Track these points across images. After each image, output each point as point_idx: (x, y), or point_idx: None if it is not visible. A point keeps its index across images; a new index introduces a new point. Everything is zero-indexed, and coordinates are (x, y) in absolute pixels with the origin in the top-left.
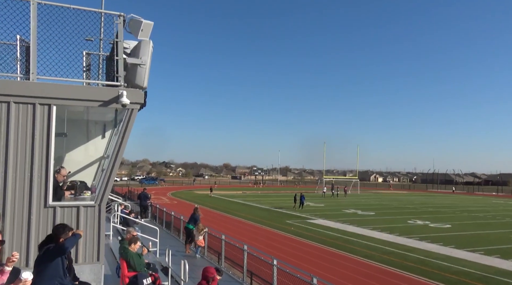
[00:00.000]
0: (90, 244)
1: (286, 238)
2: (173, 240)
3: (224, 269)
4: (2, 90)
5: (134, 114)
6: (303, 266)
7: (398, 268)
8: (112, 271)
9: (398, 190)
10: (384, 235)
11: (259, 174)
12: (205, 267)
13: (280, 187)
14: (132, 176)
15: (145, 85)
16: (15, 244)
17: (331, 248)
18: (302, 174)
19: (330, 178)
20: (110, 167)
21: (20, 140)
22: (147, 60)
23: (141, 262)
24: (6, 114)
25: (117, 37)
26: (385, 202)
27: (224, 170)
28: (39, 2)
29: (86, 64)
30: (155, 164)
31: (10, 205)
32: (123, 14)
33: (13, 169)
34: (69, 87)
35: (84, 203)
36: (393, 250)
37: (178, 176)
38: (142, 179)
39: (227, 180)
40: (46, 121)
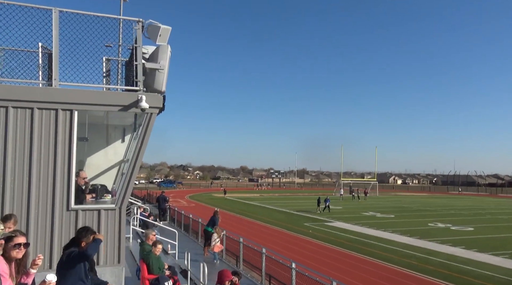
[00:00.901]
0: (111, 247)
1: (304, 241)
2: (192, 242)
3: (243, 272)
4: (26, 97)
5: (153, 118)
6: (322, 269)
7: (419, 271)
8: (132, 273)
9: (418, 192)
10: (404, 238)
11: (276, 176)
12: (220, 270)
13: (297, 189)
14: (151, 179)
15: (163, 89)
16: (39, 247)
17: (350, 251)
18: (320, 176)
19: (348, 180)
20: (130, 171)
21: (43, 145)
22: (165, 65)
23: (161, 265)
24: (30, 120)
25: (136, 43)
26: (404, 204)
27: (241, 173)
28: (60, 10)
29: (106, 69)
30: (173, 167)
31: (34, 208)
32: (141, 20)
33: (37, 173)
34: (89, 93)
35: (105, 206)
36: (413, 253)
37: (196, 178)
38: (160, 182)
39: (244, 183)
40: (68, 126)
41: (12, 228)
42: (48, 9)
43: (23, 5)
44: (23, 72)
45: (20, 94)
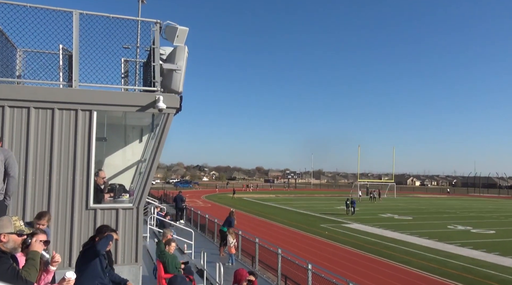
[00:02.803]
0: (129, 246)
1: (320, 242)
2: (208, 242)
3: (258, 272)
4: (47, 98)
5: (170, 118)
6: (338, 271)
7: (439, 275)
8: (150, 272)
9: (437, 194)
10: (422, 240)
11: (292, 177)
12: (236, 270)
13: (312, 190)
14: (167, 179)
15: (180, 90)
16: (58, 245)
17: (367, 253)
18: (336, 177)
19: (364, 181)
20: (148, 170)
21: (64, 145)
22: (183, 66)
23: (177, 263)
24: (51, 120)
25: (153, 44)
26: (423, 206)
27: (257, 173)
28: (81, 12)
29: (124, 70)
30: (189, 168)
31: (54, 207)
32: (159, 21)
33: (57, 172)
34: (108, 93)
35: (123, 205)
36: (433, 256)
37: (212, 179)
38: (177, 182)
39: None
40: (88, 127)
41: (45, 225)
42: (68, 11)
43: (44, 7)
44: (44, 74)
45: (42, 95)
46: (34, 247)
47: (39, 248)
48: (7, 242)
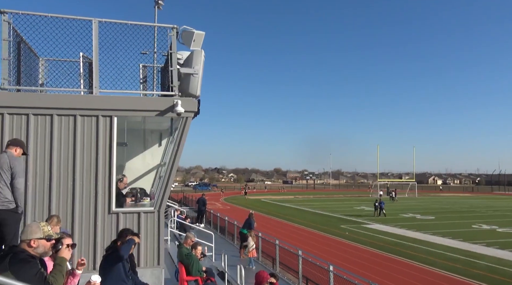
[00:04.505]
0: (151, 249)
1: (341, 243)
2: (228, 245)
3: (279, 274)
4: (69, 105)
5: (189, 122)
6: (360, 272)
7: (464, 276)
8: (171, 275)
9: (460, 193)
10: (446, 240)
11: (310, 178)
12: (258, 272)
13: (331, 191)
14: (186, 182)
15: (198, 93)
16: (83, 248)
17: (389, 253)
18: (355, 177)
19: (385, 181)
20: (167, 174)
21: (86, 151)
22: (200, 69)
23: (200, 267)
24: (73, 126)
25: (171, 49)
26: (445, 205)
27: (275, 175)
28: (100, 20)
29: (142, 76)
30: (208, 170)
31: (78, 211)
32: (176, 26)
33: (80, 177)
34: (128, 99)
35: (144, 209)
36: (457, 257)
37: (230, 181)
38: (196, 185)
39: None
40: (108, 132)
41: (53, 228)
42: (88, 20)
43: (65, 17)
44: (65, 81)
45: (64, 103)
46: (63, 253)
47: (67, 255)
48: (37, 247)
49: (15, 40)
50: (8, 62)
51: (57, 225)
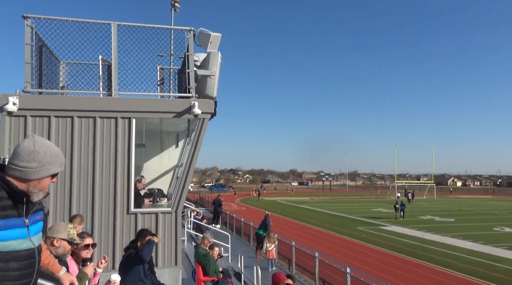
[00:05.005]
0: (168, 249)
1: (358, 245)
2: (244, 246)
3: (295, 275)
4: (89, 107)
5: (206, 123)
6: (377, 274)
7: (485, 279)
8: (188, 275)
9: (480, 195)
10: (466, 243)
11: (326, 179)
12: (274, 273)
13: (348, 192)
14: (202, 183)
15: (214, 95)
16: (102, 248)
17: (407, 256)
18: (372, 178)
19: (402, 183)
20: (185, 175)
21: (105, 152)
22: (216, 71)
23: (216, 268)
24: (93, 128)
25: (188, 51)
26: (465, 207)
27: (290, 176)
28: (118, 24)
29: (159, 78)
30: (223, 171)
31: (98, 212)
32: (193, 28)
33: (99, 178)
34: (146, 101)
35: (162, 210)
36: (478, 260)
37: (246, 182)
38: (212, 186)
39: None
40: (127, 134)
41: (77, 227)
42: (107, 23)
43: (85, 21)
44: (85, 84)
45: (84, 105)
46: (88, 269)
47: (91, 272)
48: (59, 247)
49: (37, 44)
50: (30, 66)
51: (80, 225)
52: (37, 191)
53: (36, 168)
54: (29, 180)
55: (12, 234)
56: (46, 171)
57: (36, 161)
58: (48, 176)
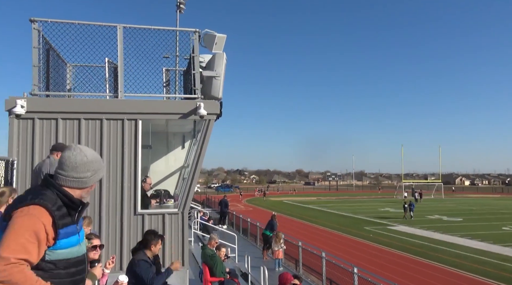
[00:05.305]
0: (175, 250)
1: (365, 245)
2: (251, 246)
3: (302, 276)
4: (95, 109)
5: (211, 124)
6: (385, 274)
7: (494, 279)
8: (196, 275)
9: (489, 194)
10: (475, 242)
11: (333, 179)
12: (281, 274)
13: (354, 192)
14: (208, 184)
15: (220, 96)
16: (110, 249)
17: (415, 256)
18: (379, 178)
19: (409, 182)
20: (191, 176)
21: (112, 154)
22: (222, 72)
23: (223, 268)
24: (100, 130)
25: (193, 52)
26: (474, 206)
27: (297, 176)
28: (124, 26)
29: (165, 80)
30: (230, 172)
31: (105, 213)
32: (198, 30)
33: (107, 179)
34: (152, 103)
35: (169, 211)
36: (487, 259)
37: (252, 182)
38: (218, 186)
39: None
40: (133, 135)
41: (85, 229)
42: (113, 26)
43: (91, 23)
44: (92, 86)
45: (91, 107)
46: (96, 271)
47: (99, 273)
48: None
49: (44, 47)
50: (38, 69)
51: (88, 227)
52: (87, 196)
53: (91, 176)
54: (82, 188)
55: (71, 241)
56: (97, 177)
57: (91, 170)
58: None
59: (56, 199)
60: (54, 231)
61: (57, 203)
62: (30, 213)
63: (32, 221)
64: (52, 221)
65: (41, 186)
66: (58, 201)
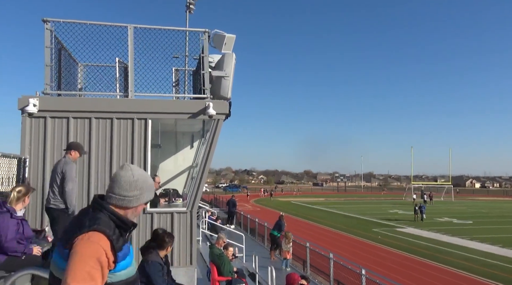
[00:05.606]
0: (184, 248)
1: (373, 246)
2: (258, 246)
3: (310, 276)
4: (106, 108)
5: (220, 124)
6: (393, 276)
7: (503, 283)
8: (203, 275)
9: (500, 197)
10: (485, 245)
11: (341, 180)
12: (289, 274)
13: (363, 193)
14: (217, 183)
15: (229, 96)
16: None
17: (424, 258)
18: (388, 179)
19: (419, 184)
20: (200, 175)
21: (122, 152)
22: (231, 72)
23: (231, 268)
24: (110, 129)
25: (202, 52)
26: (484, 209)
27: (305, 177)
28: (135, 26)
29: (175, 79)
30: (238, 172)
31: None
32: (208, 30)
33: None
34: (162, 102)
35: (177, 210)
36: (496, 263)
37: (260, 183)
38: (226, 186)
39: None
40: (143, 134)
41: None
42: (124, 26)
43: (102, 24)
44: (103, 86)
45: (101, 106)
46: None
47: None
48: None
49: (56, 47)
50: (50, 68)
51: None
52: (134, 217)
53: (137, 196)
54: (130, 207)
55: (128, 262)
56: (143, 198)
57: (137, 189)
58: (144, 203)
59: (109, 222)
60: (113, 254)
61: (111, 226)
62: (90, 240)
63: (94, 248)
64: (110, 245)
65: (93, 208)
66: (112, 223)
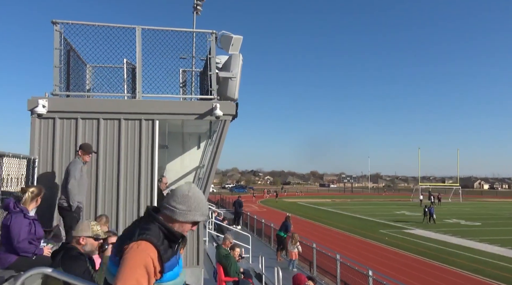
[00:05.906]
0: (190, 249)
1: (380, 248)
2: (265, 247)
3: (316, 277)
4: (114, 109)
5: (227, 125)
6: (400, 278)
7: None
8: (210, 275)
9: (509, 198)
10: (494, 247)
11: (348, 181)
12: (295, 275)
13: (370, 194)
14: (223, 184)
15: (236, 97)
16: None
17: (432, 260)
18: (395, 180)
19: (426, 185)
20: (206, 176)
21: (129, 153)
22: (238, 73)
23: (237, 268)
24: (118, 129)
25: (210, 53)
26: (492, 211)
27: (311, 178)
28: (143, 28)
29: (182, 80)
30: (244, 173)
31: (122, 211)
32: (215, 31)
33: (124, 178)
34: (169, 103)
35: None
36: (506, 265)
37: (266, 184)
38: (232, 187)
39: (316, 188)
40: (151, 135)
41: (102, 227)
42: (132, 27)
43: (111, 25)
44: (111, 87)
45: (109, 107)
46: (108, 252)
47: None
48: (85, 245)
49: (65, 48)
50: (59, 69)
51: (106, 225)
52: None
53: (184, 211)
54: (175, 220)
55: (175, 273)
56: (190, 216)
57: (186, 205)
58: (191, 222)
59: (159, 232)
60: (160, 264)
61: (160, 237)
62: (140, 249)
63: (143, 257)
64: (158, 255)
65: (145, 220)
66: (161, 234)
